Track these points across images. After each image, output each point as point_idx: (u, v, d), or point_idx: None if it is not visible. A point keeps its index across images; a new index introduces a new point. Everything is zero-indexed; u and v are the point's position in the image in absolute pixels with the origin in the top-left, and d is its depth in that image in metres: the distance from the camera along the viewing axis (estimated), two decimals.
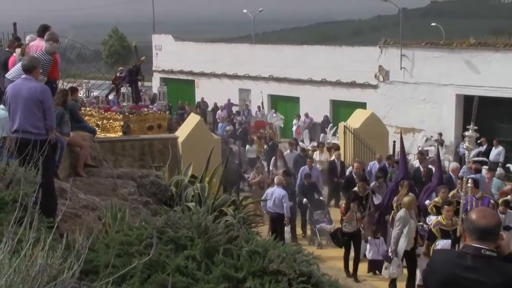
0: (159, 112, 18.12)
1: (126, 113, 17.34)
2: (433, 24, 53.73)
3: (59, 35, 11.02)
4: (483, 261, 3.65)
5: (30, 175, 5.34)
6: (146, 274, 4.26)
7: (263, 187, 17.11)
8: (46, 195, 6.01)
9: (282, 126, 31.08)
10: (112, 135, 16.37)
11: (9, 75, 9.19)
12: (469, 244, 3.72)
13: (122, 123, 17.04)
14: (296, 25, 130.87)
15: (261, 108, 31.60)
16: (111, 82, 21.47)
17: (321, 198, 16.38)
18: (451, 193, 12.67)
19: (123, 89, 18.03)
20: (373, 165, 17.47)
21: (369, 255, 12.90)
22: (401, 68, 26.94)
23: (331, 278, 4.66)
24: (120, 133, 16.51)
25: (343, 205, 13.36)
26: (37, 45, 10.30)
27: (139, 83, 19.42)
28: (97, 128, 17.17)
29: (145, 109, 18.14)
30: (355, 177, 15.62)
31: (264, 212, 14.83)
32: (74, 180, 8.74)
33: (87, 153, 9.66)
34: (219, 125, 28.77)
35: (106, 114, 17.67)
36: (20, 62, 9.27)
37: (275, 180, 15.36)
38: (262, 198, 14.86)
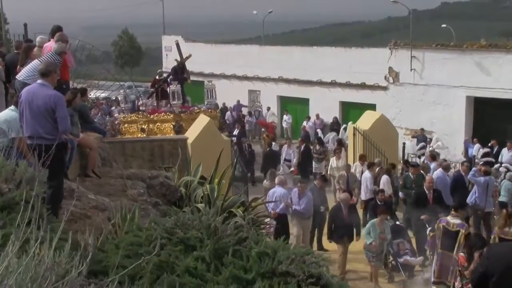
0: (209, 110, 17.63)
1: (177, 112, 16.89)
2: (443, 25, 53.57)
3: (70, 37, 11.06)
4: None
5: (40, 176, 5.36)
6: (156, 275, 4.27)
7: None
8: (54, 193, 6.04)
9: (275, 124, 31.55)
10: None
11: (19, 76, 9.18)
12: None
13: (173, 123, 16.63)
14: (306, 26, 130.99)
15: (269, 109, 31.81)
16: (150, 85, 21.19)
17: (397, 222, 13.82)
18: None
19: (172, 87, 17.65)
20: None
21: None
22: (411, 70, 26.84)
23: (340, 279, 4.65)
24: (172, 134, 16.18)
25: (462, 255, 9.95)
26: (50, 46, 10.32)
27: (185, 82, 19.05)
28: (142, 133, 16.81)
29: (196, 108, 17.70)
30: (427, 192, 13.83)
31: (272, 211, 14.56)
32: (83, 181, 8.78)
33: (97, 154, 9.68)
34: None
35: (152, 117, 17.26)
36: (30, 64, 9.32)
37: (276, 180, 14.94)
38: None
